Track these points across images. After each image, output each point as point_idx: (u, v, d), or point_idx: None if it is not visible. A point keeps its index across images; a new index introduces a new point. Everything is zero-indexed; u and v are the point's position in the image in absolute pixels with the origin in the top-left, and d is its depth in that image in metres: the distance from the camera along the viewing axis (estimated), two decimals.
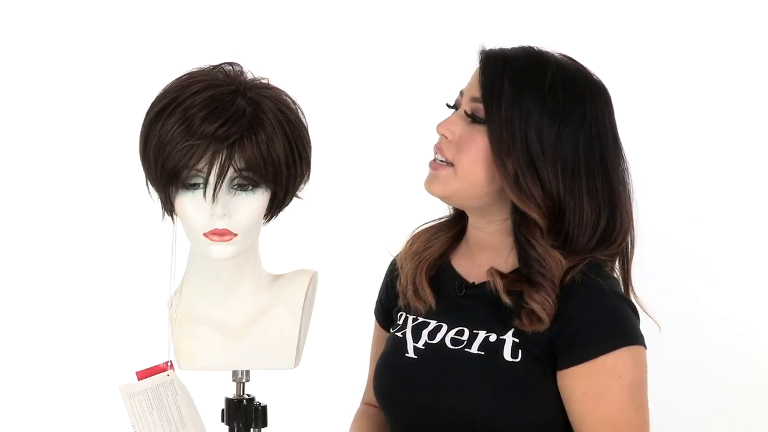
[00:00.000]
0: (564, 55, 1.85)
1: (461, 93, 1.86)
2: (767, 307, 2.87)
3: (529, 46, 1.85)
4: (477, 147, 1.80)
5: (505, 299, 1.78)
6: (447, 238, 1.94)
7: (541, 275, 1.77)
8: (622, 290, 1.83)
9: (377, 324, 2.05)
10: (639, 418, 1.75)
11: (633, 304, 1.82)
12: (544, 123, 1.78)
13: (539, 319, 1.75)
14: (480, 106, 1.80)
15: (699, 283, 2.89)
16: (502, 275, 1.81)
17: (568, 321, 1.75)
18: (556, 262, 1.76)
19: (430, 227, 1.97)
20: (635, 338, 1.76)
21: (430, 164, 1.85)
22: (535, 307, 1.75)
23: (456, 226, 1.95)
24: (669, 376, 2.88)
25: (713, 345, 2.88)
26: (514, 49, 1.85)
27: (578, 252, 1.78)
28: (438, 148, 1.84)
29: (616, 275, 1.85)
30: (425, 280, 1.89)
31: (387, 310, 1.99)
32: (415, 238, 1.96)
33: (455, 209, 1.95)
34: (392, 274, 1.99)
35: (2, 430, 3.08)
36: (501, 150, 1.77)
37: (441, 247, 1.94)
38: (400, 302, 1.94)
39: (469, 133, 1.81)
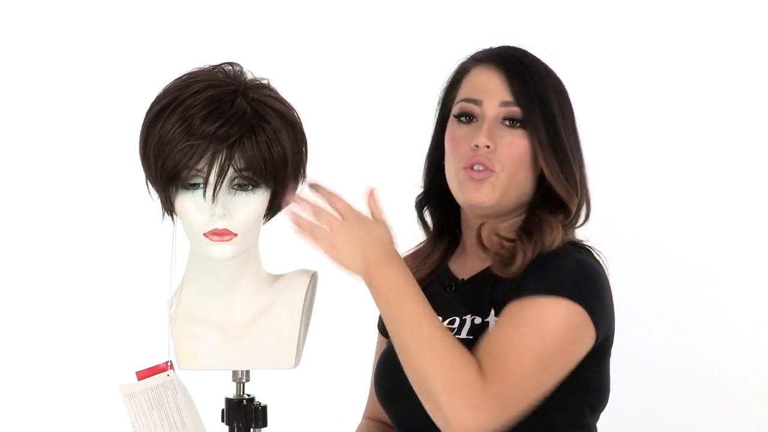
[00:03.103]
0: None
1: (473, 101, 1.86)
2: (761, 303, 2.87)
3: (507, 46, 1.90)
4: (521, 150, 1.83)
5: (502, 241, 1.83)
6: (438, 256, 1.97)
7: (540, 232, 1.81)
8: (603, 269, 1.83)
9: (380, 336, 2.05)
10: (531, 366, 1.70)
11: (605, 276, 1.81)
12: (567, 117, 1.85)
13: (513, 260, 1.79)
14: (514, 110, 1.83)
15: (693, 281, 2.89)
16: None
17: (530, 270, 1.78)
18: (557, 232, 1.81)
19: (411, 255, 1.99)
20: (580, 296, 1.73)
21: (470, 174, 1.85)
22: (519, 250, 1.79)
23: (443, 243, 1.97)
24: (664, 375, 2.88)
25: (708, 343, 2.88)
26: (507, 50, 1.89)
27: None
28: (479, 159, 1.84)
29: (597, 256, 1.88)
30: None
31: None
32: (406, 261, 1.97)
33: (428, 234, 1.97)
34: None
35: (2, 430, 3.08)
36: (547, 148, 1.82)
37: (432, 266, 1.96)
38: None
39: (511, 138, 1.84)
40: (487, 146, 1.83)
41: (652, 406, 2.90)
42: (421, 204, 1.98)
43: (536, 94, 1.83)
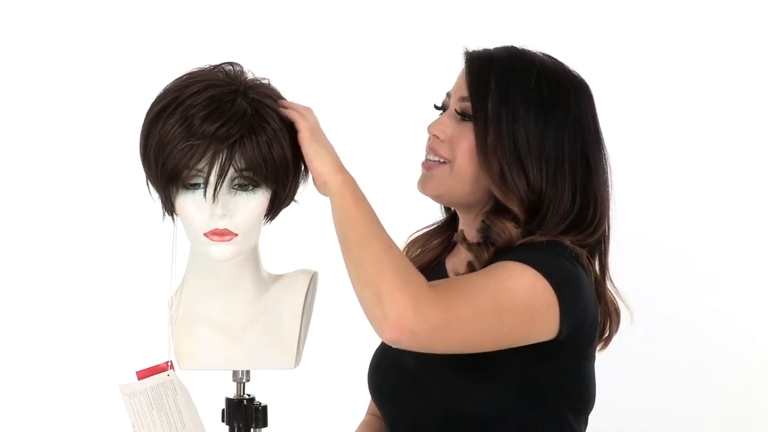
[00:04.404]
0: (545, 54, 1.89)
1: (448, 95, 1.90)
2: (765, 305, 2.88)
3: (512, 46, 1.89)
4: (468, 143, 1.83)
5: (467, 248, 1.83)
6: (440, 242, 1.98)
7: (497, 237, 1.80)
8: (569, 261, 1.80)
9: None
10: (485, 305, 1.67)
11: (586, 281, 1.79)
12: (530, 119, 1.81)
13: (472, 270, 1.79)
14: (467, 105, 1.84)
15: (700, 283, 2.89)
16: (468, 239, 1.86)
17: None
18: (507, 231, 1.80)
19: (424, 233, 2.01)
20: (555, 282, 1.72)
21: (423, 165, 1.88)
22: (473, 259, 1.79)
23: (449, 229, 1.98)
24: (666, 376, 2.88)
25: (715, 345, 2.88)
26: (497, 49, 1.88)
27: (547, 233, 1.80)
28: (431, 148, 1.87)
29: (596, 268, 1.86)
30: None
31: None
32: (410, 245, 2.01)
33: (447, 212, 1.99)
34: None
35: (2, 430, 3.08)
36: (487, 147, 1.80)
37: (434, 251, 1.98)
38: None
39: (460, 130, 1.84)
40: (436, 136, 1.86)
41: (656, 407, 2.90)
42: None
43: (494, 91, 1.81)
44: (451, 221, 1.99)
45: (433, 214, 2.01)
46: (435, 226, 2.00)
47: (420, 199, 1.92)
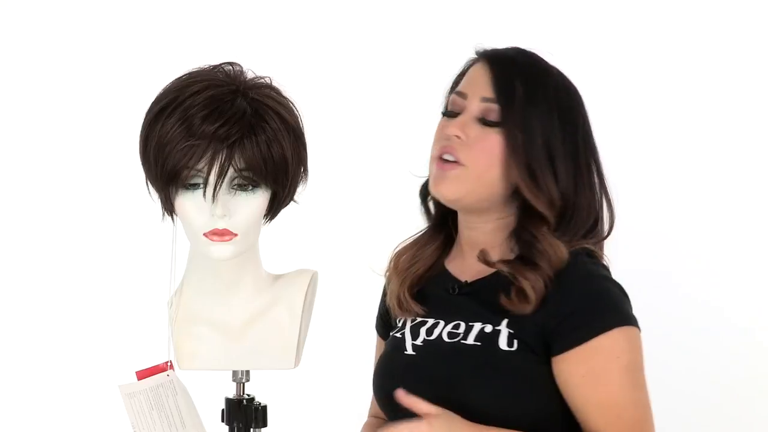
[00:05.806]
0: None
1: (460, 94, 1.85)
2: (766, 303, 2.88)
3: (519, 47, 1.88)
4: (492, 147, 1.80)
5: (502, 267, 1.80)
6: (434, 249, 1.94)
7: (541, 258, 1.78)
8: (611, 275, 1.83)
9: (379, 338, 2.04)
10: (640, 399, 1.75)
11: (621, 287, 1.81)
12: (555, 122, 1.81)
13: (527, 299, 1.76)
14: (492, 107, 1.81)
15: (698, 281, 2.89)
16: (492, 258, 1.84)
17: (557, 305, 1.75)
18: (560, 252, 1.78)
19: (411, 243, 1.96)
20: (627, 319, 1.76)
21: (437, 164, 1.83)
22: (526, 285, 1.76)
23: (440, 236, 1.94)
24: (668, 375, 2.88)
25: (714, 342, 2.88)
26: (510, 50, 1.87)
27: (571, 241, 1.80)
28: (449, 149, 1.82)
29: (605, 262, 1.86)
30: (409, 294, 1.89)
31: (387, 323, 1.98)
32: (397, 256, 1.95)
33: (431, 219, 1.95)
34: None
35: (2, 430, 3.08)
36: (518, 150, 1.79)
37: (429, 259, 1.94)
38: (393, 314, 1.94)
39: (484, 134, 1.81)
40: (457, 136, 1.82)
41: (658, 406, 2.89)
42: (424, 191, 1.97)
43: (522, 94, 1.80)
44: (438, 228, 1.95)
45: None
46: (422, 233, 1.96)
47: (415, 201, 1.92)
